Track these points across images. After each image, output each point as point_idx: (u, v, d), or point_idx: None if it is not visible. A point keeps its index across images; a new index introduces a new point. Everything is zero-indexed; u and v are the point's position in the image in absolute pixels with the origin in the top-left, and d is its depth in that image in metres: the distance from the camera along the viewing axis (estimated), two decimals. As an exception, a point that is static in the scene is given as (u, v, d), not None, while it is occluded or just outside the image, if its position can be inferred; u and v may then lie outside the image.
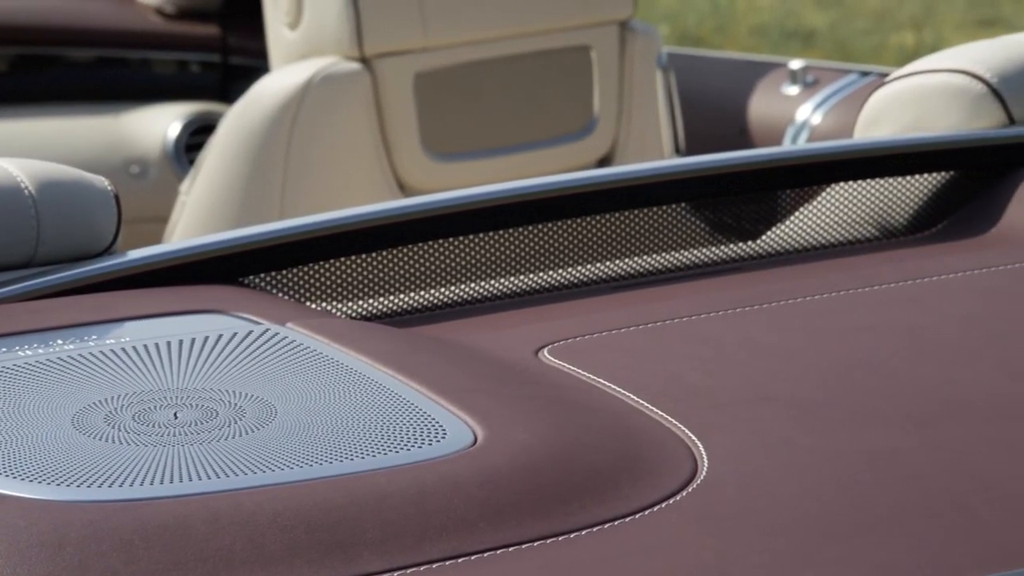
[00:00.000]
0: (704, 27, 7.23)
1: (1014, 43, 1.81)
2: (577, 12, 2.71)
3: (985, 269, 1.50)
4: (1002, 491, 1.11)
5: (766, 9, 7.44)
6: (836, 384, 1.29)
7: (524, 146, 2.74)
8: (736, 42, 7.00)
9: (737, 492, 1.12)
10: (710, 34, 7.14)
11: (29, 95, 3.33)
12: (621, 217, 1.68)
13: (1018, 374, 1.27)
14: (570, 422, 1.20)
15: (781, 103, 2.84)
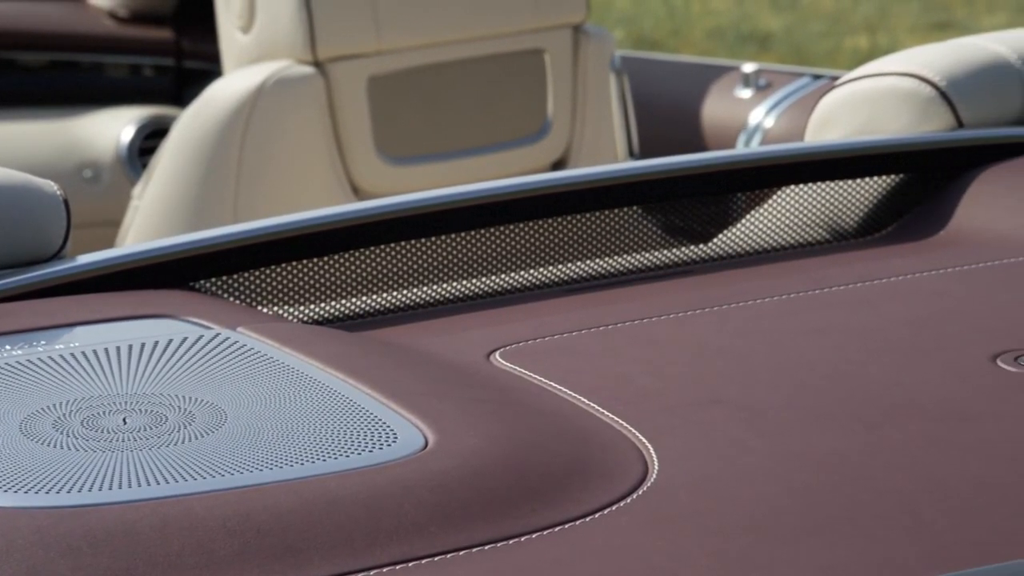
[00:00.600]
0: (660, 30, 7.25)
1: (963, 46, 1.82)
2: (530, 16, 2.72)
3: (934, 271, 1.51)
4: (950, 492, 1.11)
5: (722, 12, 7.47)
6: (786, 386, 1.29)
7: (478, 150, 2.74)
8: (692, 45, 7.03)
9: (687, 494, 1.13)
10: (666, 37, 7.16)
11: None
12: (575, 220, 1.69)
13: (966, 376, 1.28)
14: (521, 425, 1.20)
15: (734, 106, 2.85)
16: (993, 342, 1.33)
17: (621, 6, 7.61)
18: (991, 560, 1.03)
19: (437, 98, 2.71)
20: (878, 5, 7.42)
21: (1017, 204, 1.65)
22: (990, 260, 1.52)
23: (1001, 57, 1.80)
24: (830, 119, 1.85)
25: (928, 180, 1.76)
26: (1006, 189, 1.68)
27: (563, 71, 2.75)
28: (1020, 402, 1.23)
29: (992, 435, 1.19)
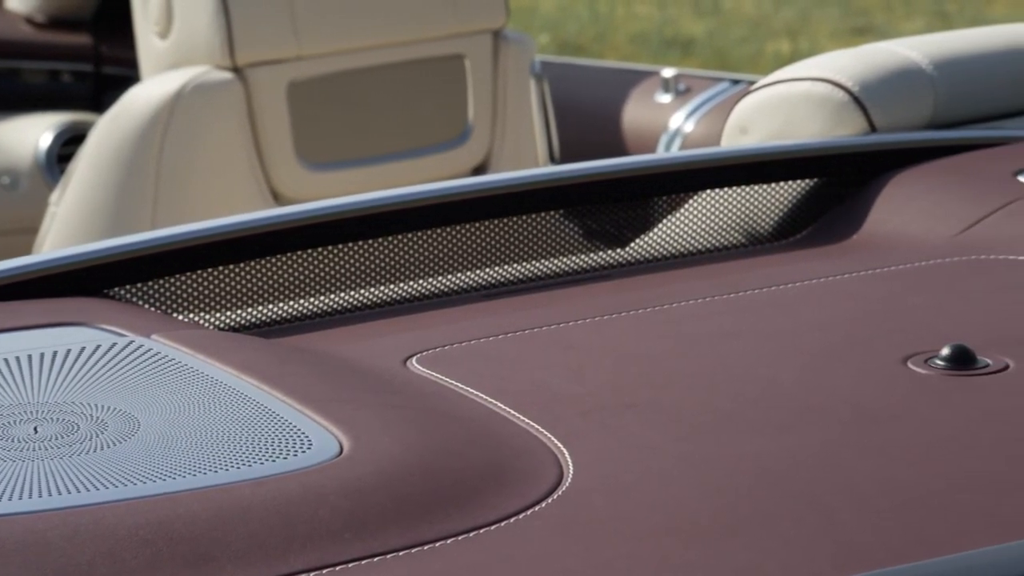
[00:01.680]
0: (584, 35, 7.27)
1: (875, 52, 1.84)
2: (450, 21, 2.72)
3: (847, 274, 1.52)
4: (861, 493, 1.13)
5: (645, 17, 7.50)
6: (701, 390, 1.30)
7: (399, 155, 2.74)
8: (616, 50, 7.05)
9: (602, 499, 1.13)
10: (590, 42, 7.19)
11: None
12: (495, 225, 1.69)
13: (878, 378, 1.30)
14: (436, 431, 1.20)
15: (654, 111, 2.87)
16: (904, 344, 1.34)
17: (546, 11, 7.62)
18: (903, 560, 1.04)
19: (357, 103, 2.71)
20: (799, 10, 7.48)
21: (929, 207, 1.67)
22: (902, 263, 1.54)
23: (913, 62, 1.83)
24: (746, 124, 1.86)
25: (842, 184, 1.78)
26: (918, 192, 1.70)
27: (483, 76, 2.76)
28: (930, 403, 1.25)
29: (903, 436, 1.20)
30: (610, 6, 7.68)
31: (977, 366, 1.29)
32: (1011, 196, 1.64)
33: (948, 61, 1.83)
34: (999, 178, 1.68)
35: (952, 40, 1.88)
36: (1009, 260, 1.53)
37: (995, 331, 1.36)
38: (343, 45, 2.66)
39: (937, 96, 1.82)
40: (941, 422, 1.22)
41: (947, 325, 1.38)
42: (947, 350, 1.30)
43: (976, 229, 1.61)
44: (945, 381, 1.28)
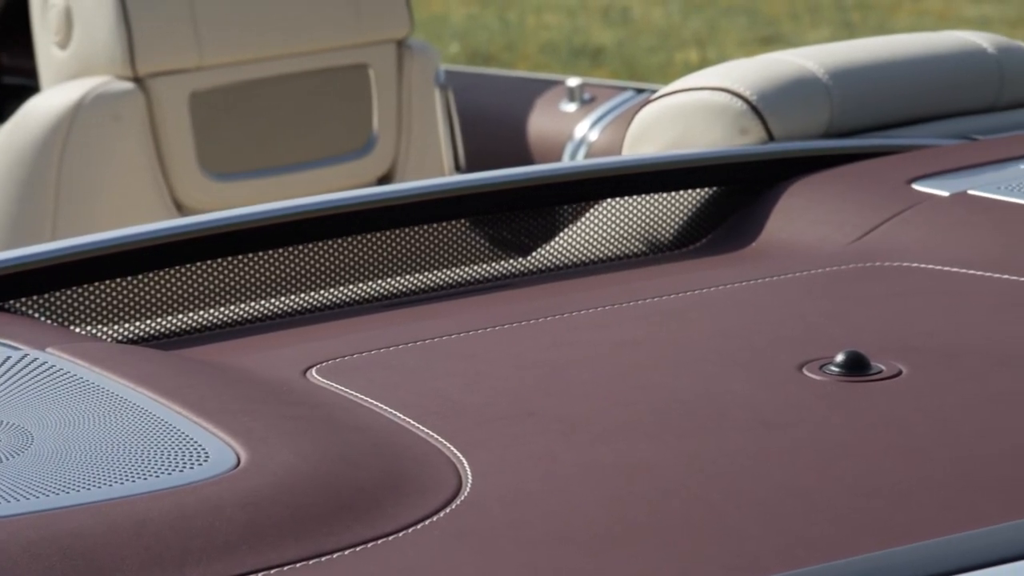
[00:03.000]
0: (494, 44, 7.29)
1: (773, 62, 1.86)
2: (354, 31, 2.72)
3: (744, 282, 1.53)
4: (756, 499, 1.14)
5: (555, 27, 7.53)
6: (599, 398, 1.31)
7: (303, 165, 2.73)
8: (526, 59, 7.07)
9: (500, 508, 1.14)
10: (500, 52, 7.20)
11: None
12: (400, 234, 1.69)
13: (773, 385, 1.31)
14: (334, 442, 1.20)
15: (559, 120, 2.88)
16: (799, 351, 1.35)
17: (456, 20, 7.63)
18: (797, 566, 1.05)
19: (261, 113, 2.70)
20: (707, 20, 7.54)
21: (825, 215, 1.69)
22: (799, 270, 1.56)
23: (809, 72, 1.85)
24: (646, 133, 1.87)
25: (740, 192, 1.80)
26: (814, 200, 1.72)
27: (387, 86, 2.76)
28: (824, 409, 1.26)
29: (797, 442, 1.21)
30: (520, 15, 7.70)
31: (871, 372, 1.31)
32: (905, 204, 1.66)
33: (844, 71, 1.86)
34: (894, 186, 1.70)
35: (848, 50, 1.91)
36: (903, 267, 1.55)
37: (889, 337, 1.38)
38: (246, 55, 2.65)
39: (833, 105, 1.84)
40: (835, 428, 1.23)
41: (842, 332, 1.40)
42: (841, 356, 1.32)
43: (871, 236, 1.63)
44: (839, 387, 1.29)
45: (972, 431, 1.22)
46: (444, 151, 2.83)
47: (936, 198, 1.67)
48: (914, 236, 1.61)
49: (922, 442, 1.21)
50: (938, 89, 1.90)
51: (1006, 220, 1.60)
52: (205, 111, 2.63)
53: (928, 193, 1.68)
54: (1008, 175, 1.71)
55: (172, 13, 2.58)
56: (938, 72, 1.90)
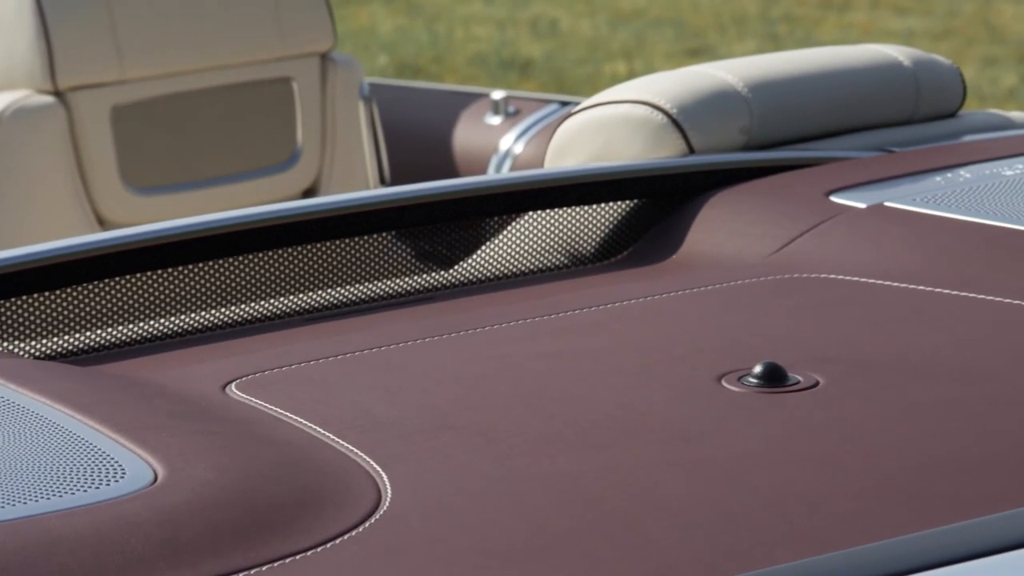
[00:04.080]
0: (423, 57, 7.29)
1: (693, 75, 1.87)
2: (277, 44, 2.71)
3: (664, 294, 1.54)
4: (674, 511, 1.14)
5: (484, 39, 7.54)
6: (519, 411, 1.31)
7: (227, 178, 2.72)
8: (455, 72, 7.08)
9: (419, 521, 1.14)
10: (429, 64, 7.20)
11: None
12: (324, 248, 1.69)
13: (692, 396, 1.32)
14: (253, 457, 1.19)
15: (484, 133, 2.89)
16: (719, 363, 1.36)
17: (384, 32, 7.63)
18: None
19: (184, 127, 2.69)
20: (634, 32, 7.57)
21: (744, 227, 1.70)
22: (718, 282, 1.57)
23: (729, 85, 1.86)
24: (568, 146, 1.88)
25: (661, 205, 1.81)
26: (733, 213, 1.73)
27: (311, 99, 2.76)
28: (742, 421, 1.27)
29: (715, 454, 1.22)
30: (448, 28, 7.70)
31: (788, 383, 1.32)
32: (823, 216, 1.68)
33: (763, 84, 1.87)
34: (812, 198, 1.72)
35: (768, 63, 1.92)
36: (821, 278, 1.57)
37: (806, 348, 1.39)
38: (168, 68, 2.63)
39: (752, 118, 1.85)
40: (753, 439, 1.24)
41: (760, 343, 1.41)
42: (759, 368, 1.33)
43: (789, 248, 1.65)
44: (757, 398, 1.30)
45: (887, 442, 1.24)
46: (369, 164, 2.83)
47: (853, 210, 1.68)
48: (832, 248, 1.62)
49: (838, 452, 1.22)
50: (856, 102, 1.92)
51: (922, 232, 1.62)
52: (127, 125, 2.62)
53: (846, 205, 1.70)
54: (924, 187, 1.73)
55: (93, 27, 2.56)
56: (856, 85, 1.92)
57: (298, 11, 2.73)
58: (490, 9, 8.05)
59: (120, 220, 2.61)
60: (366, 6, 8.09)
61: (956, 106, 1.99)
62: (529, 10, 8.02)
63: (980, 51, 6.93)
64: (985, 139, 1.92)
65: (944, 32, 7.27)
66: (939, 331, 1.43)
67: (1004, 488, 1.16)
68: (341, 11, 7.91)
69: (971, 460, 1.20)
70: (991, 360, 1.36)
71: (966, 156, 1.83)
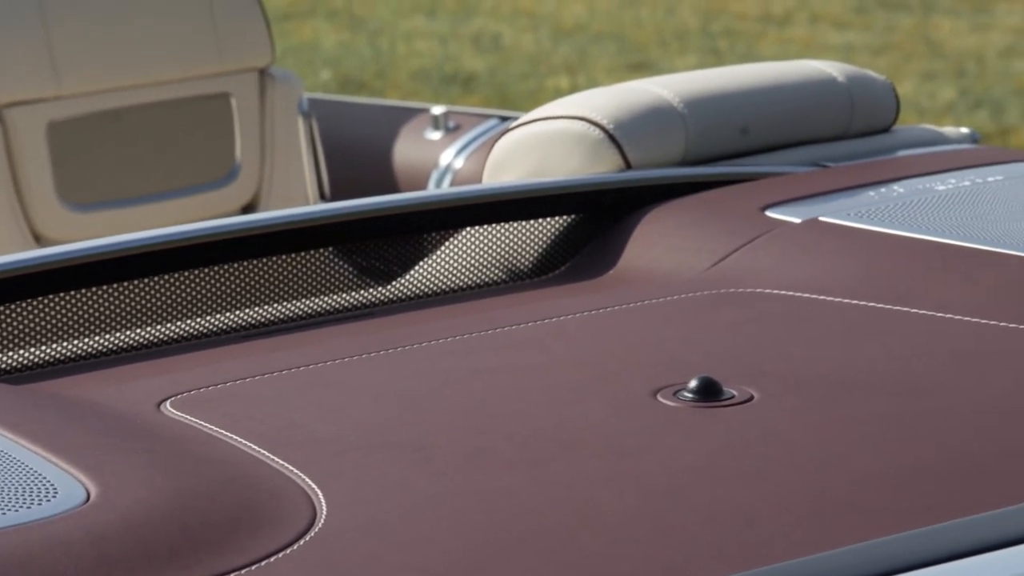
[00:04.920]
0: (366, 72, 7.28)
1: (629, 91, 1.88)
2: (215, 60, 2.71)
3: (601, 309, 1.55)
4: (609, 525, 1.15)
5: (427, 54, 7.54)
6: (456, 426, 1.31)
7: (165, 194, 2.71)
8: (398, 87, 7.07)
9: (355, 538, 1.13)
10: (372, 79, 7.19)
11: None
12: (263, 264, 1.68)
13: (627, 411, 1.32)
14: (187, 475, 1.19)
15: (425, 148, 2.89)
16: (654, 377, 1.37)
17: (327, 47, 7.62)
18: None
19: (121, 143, 2.67)
20: (577, 47, 7.59)
21: (681, 242, 1.71)
22: (654, 297, 1.57)
23: (665, 101, 1.87)
24: (505, 161, 1.88)
25: (598, 220, 1.81)
26: (670, 228, 1.74)
27: (250, 115, 2.75)
28: (678, 435, 1.28)
29: (650, 469, 1.23)
30: (391, 43, 7.70)
31: (723, 398, 1.32)
32: (759, 231, 1.69)
33: (699, 100, 1.88)
34: (747, 213, 1.73)
35: (704, 79, 1.93)
36: (756, 293, 1.57)
37: (742, 363, 1.40)
38: (105, 84, 2.62)
39: (688, 133, 1.86)
40: (687, 453, 1.25)
41: (696, 358, 1.42)
42: (694, 382, 1.33)
43: (725, 263, 1.65)
44: (692, 413, 1.31)
45: (821, 455, 1.24)
46: (308, 180, 2.83)
47: (788, 225, 1.69)
48: (767, 262, 1.63)
49: (772, 466, 1.23)
50: (791, 117, 1.93)
51: (856, 246, 1.63)
52: (64, 141, 2.60)
53: (781, 220, 1.71)
54: (858, 202, 1.74)
55: (28, 42, 2.55)
56: (791, 101, 1.93)
57: (236, 27, 2.73)
58: (433, 24, 8.05)
59: (57, 237, 2.59)
60: (309, 21, 8.08)
61: (890, 121, 2.00)
62: (471, 25, 8.03)
63: (919, 66, 6.99)
64: (918, 154, 1.94)
65: (883, 47, 7.33)
66: (873, 345, 1.44)
67: (937, 500, 1.17)
68: (284, 26, 7.89)
69: (904, 473, 1.21)
70: (924, 374, 1.37)
71: (900, 171, 1.84)
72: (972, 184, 1.78)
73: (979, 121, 6.19)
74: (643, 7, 8.22)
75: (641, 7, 8.22)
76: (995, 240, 1.61)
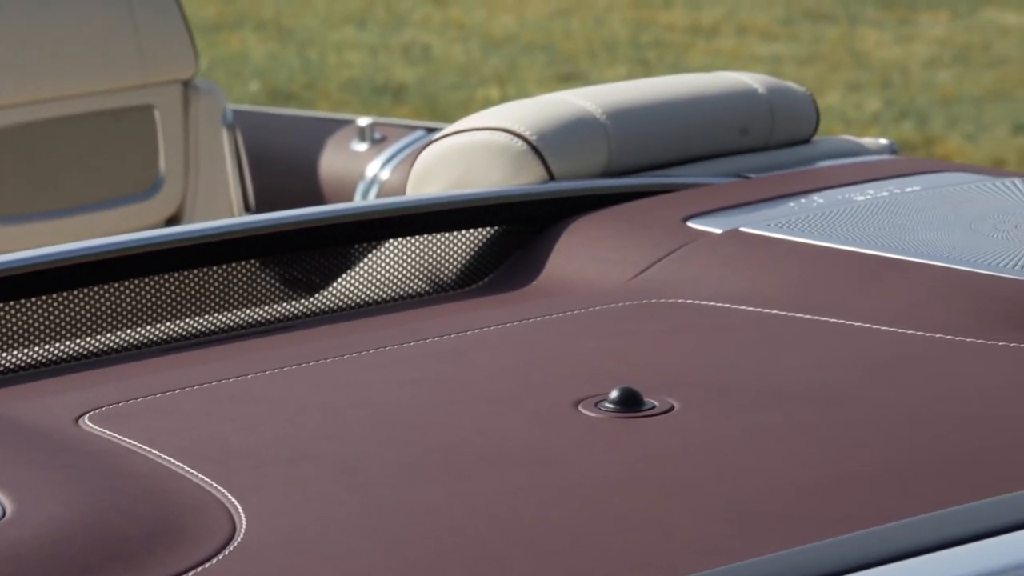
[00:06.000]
0: (295, 83, 7.26)
1: (552, 102, 1.89)
2: (137, 72, 2.69)
3: (524, 321, 1.55)
4: (531, 537, 1.15)
5: (356, 65, 7.53)
6: (378, 439, 1.31)
7: (88, 207, 2.69)
8: (327, 98, 7.06)
9: (274, 553, 1.13)
10: (301, 90, 7.17)
11: None
12: (187, 276, 1.67)
13: (549, 422, 1.32)
14: (105, 490, 1.18)
15: (350, 159, 2.88)
16: (576, 388, 1.37)
17: (256, 59, 7.59)
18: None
19: (43, 156, 2.65)
20: (507, 58, 7.61)
21: (603, 254, 1.72)
22: (577, 308, 1.58)
23: (587, 112, 1.87)
24: (429, 173, 1.88)
25: (521, 232, 1.81)
26: (593, 239, 1.74)
27: (174, 127, 2.74)
28: (598, 446, 1.28)
29: (572, 480, 1.23)
30: (321, 53, 7.68)
31: (644, 408, 1.33)
32: (680, 241, 1.70)
33: (621, 111, 1.89)
34: (669, 224, 1.73)
35: (626, 90, 1.94)
36: (677, 303, 1.58)
37: (663, 373, 1.41)
38: (25, 97, 2.60)
39: (611, 145, 1.87)
40: (609, 464, 1.25)
41: (618, 368, 1.42)
42: (616, 393, 1.34)
43: (647, 274, 1.66)
44: (613, 424, 1.31)
45: (741, 465, 1.25)
46: (233, 192, 2.82)
47: (710, 235, 1.70)
48: (688, 273, 1.64)
49: (692, 476, 1.23)
50: (712, 128, 1.94)
51: (776, 257, 1.64)
52: (-16, 154, 2.58)
53: (702, 230, 1.71)
54: (779, 212, 1.76)
55: None
56: (712, 112, 1.94)
57: (159, 39, 2.72)
58: (362, 35, 8.04)
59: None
60: (238, 32, 8.04)
61: (810, 132, 2.02)
62: (402, 36, 8.02)
63: (845, 76, 7.05)
64: (838, 165, 1.96)
65: (809, 58, 7.39)
66: (792, 355, 1.46)
67: (856, 509, 1.18)
68: (212, 37, 7.86)
69: (823, 482, 1.22)
70: (843, 383, 1.38)
71: (819, 182, 1.86)
72: (890, 194, 1.80)
73: (904, 131, 6.25)
74: (573, 18, 8.25)
75: (571, 18, 8.25)
76: (913, 250, 1.63)
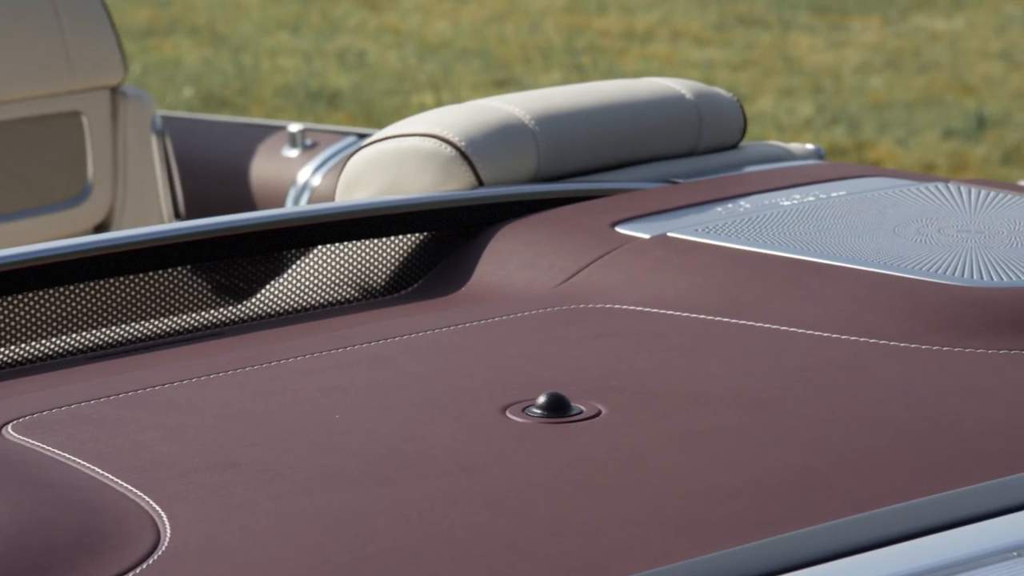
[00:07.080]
0: (229, 89, 7.23)
1: (481, 108, 1.89)
2: (65, 78, 2.67)
3: (452, 327, 1.55)
4: (456, 543, 1.15)
5: (291, 71, 7.50)
6: (303, 446, 1.30)
7: (15, 215, 2.67)
8: (261, 103, 7.03)
9: (199, 561, 1.12)
10: (235, 96, 7.14)
11: None
12: (114, 284, 1.66)
13: (476, 428, 1.32)
14: (26, 500, 1.17)
15: (282, 166, 2.87)
16: (504, 394, 1.37)
17: (189, 64, 7.55)
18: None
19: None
20: (442, 63, 7.60)
21: (531, 259, 1.72)
22: (505, 314, 1.58)
23: (516, 118, 1.88)
24: (358, 179, 1.88)
25: (450, 238, 1.81)
26: (522, 245, 1.74)
27: (102, 133, 2.72)
28: (526, 451, 1.28)
29: (498, 485, 1.23)
30: (255, 59, 7.65)
31: (571, 413, 1.33)
32: (608, 247, 1.70)
33: (550, 117, 1.89)
34: (597, 230, 1.74)
35: (555, 96, 1.94)
36: (605, 308, 1.59)
37: (590, 378, 1.41)
38: None
39: (540, 151, 1.87)
40: (536, 469, 1.25)
41: (545, 374, 1.42)
42: (543, 398, 1.34)
43: (576, 279, 1.66)
44: (541, 429, 1.31)
45: (666, 469, 1.26)
46: (162, 198, 2.80)
47: (637, 240, 1.71)
48: (616, 278, 1.65)
49: (618, 481, 1.24)
50: (640, 134, 1.95)
51: (703, 262, 1.65)
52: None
53: (630, 236, 1.72)
54: (706, 217, 1.76)
55: None
56: (640, 118, 1.95)
57: (87, 45, 2.70)
58: (297, 41, 8.01)
59: None
60: (170, 37, 8.00)
61: (737, 138, 2.03)
62: (336, 42, 8.01)
63: (778, 82, 7.10)
64: (765, 170, 1.97)
65: (743, 63, 7.43)
66: (718, 359, 1.46)
67: (780, 513, 1.18)
68: (145, 42, 7.81)
69: (747, 486, 1.22)
70: (768, 387, 1.39)
71: (746, 187, 1.87)
72: (816, 199, 1.81)
73: (836, 136, 6.30)
74: (507, 24, 8.26)
75: (505, 24, 8.26)
76: (838, 255, 1.64)
